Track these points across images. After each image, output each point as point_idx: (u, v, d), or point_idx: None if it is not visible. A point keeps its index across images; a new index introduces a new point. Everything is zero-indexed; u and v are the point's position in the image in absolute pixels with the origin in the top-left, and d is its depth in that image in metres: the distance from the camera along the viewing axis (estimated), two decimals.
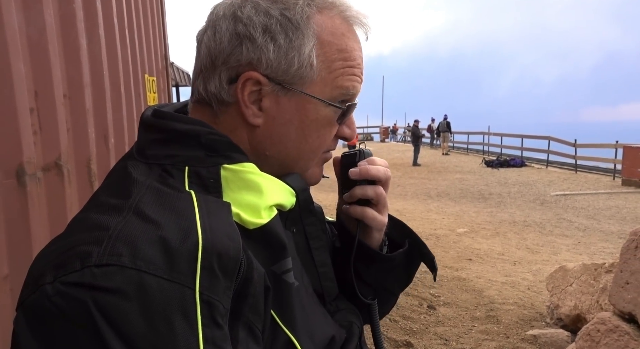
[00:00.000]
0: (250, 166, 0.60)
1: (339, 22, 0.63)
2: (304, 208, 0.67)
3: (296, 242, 0.67)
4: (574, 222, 9.03)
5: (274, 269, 0.58)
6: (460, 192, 12.80)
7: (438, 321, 3.38)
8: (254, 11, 0.60)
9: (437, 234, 7.43)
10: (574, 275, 3.31)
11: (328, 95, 0.63)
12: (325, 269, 0.70)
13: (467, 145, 24.50)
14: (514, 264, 5.83)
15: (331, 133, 0.67)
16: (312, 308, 0.64)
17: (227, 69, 0.61)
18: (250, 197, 0.58)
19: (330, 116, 0.64)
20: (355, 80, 0.65)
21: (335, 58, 0.62)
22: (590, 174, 15.35)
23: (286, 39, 0.60)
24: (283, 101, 0.62)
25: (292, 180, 0.64)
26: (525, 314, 3.65)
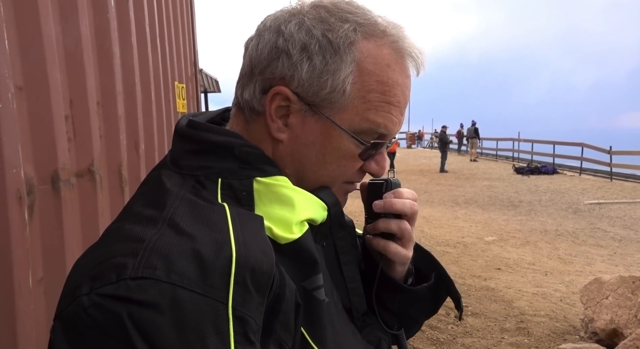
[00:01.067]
0: (283, 179, 0.60)
1: (387, 53, 0.61)
2: (334, 222, 0.66)
3: (326, 256, 0.65)
4: (609, 232, 8.70)
5: (304, 286, 0.57)
6: (489, 199, 12.53)
7: (466, 332, 3.30)
8: (297, 28, 0.60)
9: (464, 242, 7.29)
10: (610, 288, 3.18)
11: (356, 126, 0.61)
12: (354, 285, 0.69)
13: (496, 151, 24.01)
14: (545, 274, 5.65)
15: (353, 166, 0.65)
16: (342, 325, 0.62)
17: (262, 79, 0.61)
18: (282, 212, 0.57)
19: (352, 149, 0.62)
20: (388, 119, 0.62)
21: (372, 89, 0.60)
22: (626, 182, 14.78)
23: (322, 61, 0.59)
24: (309, 121, 0.61)
25: (324, 194, 0.63)
26: (557, 326, 3.53)
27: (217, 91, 11.65)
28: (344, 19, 0.60)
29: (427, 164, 20.88)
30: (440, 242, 7.18)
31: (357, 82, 0.60)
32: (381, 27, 0.61)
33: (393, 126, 0.63)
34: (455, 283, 3.30)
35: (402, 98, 0.63)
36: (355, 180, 0.68)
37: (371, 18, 0.61)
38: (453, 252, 6.59)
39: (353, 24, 0.60)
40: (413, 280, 0.80)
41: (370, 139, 0.62)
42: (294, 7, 0.63)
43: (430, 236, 7.60)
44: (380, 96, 0.60)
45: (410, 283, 0.79)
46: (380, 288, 0.73)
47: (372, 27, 0.61)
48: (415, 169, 19.62)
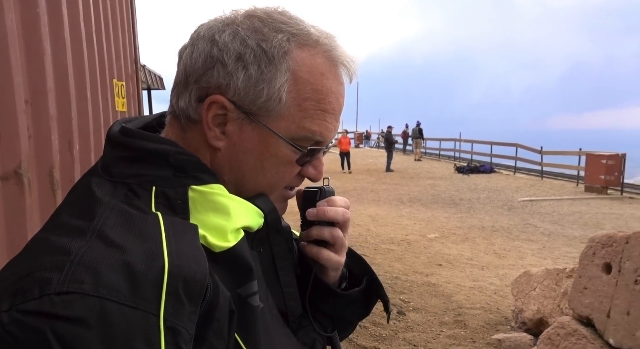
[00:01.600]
0: (219, 187, 0.60)
1: (320, 61, 0.63)
2: (271, 228, 0.67)
3: (262, 262, 0.66)
4: (539, 228, 9.30)
5: (239, 292, 0.58)
6: (432, 198, 13.00)
7: (407, 327, 3.42)
8: (231, 38, 0.60)
9: (408, 240, 7.53)
10: (537, 280, 3.42)
11: (293, 133, 0.62)
12: (290, 290, 0.70)
13: (439, 151, 24.96)
14: (482, 269, 5.96)
15: (292, 172, 0.66)
16: (276, 329, 0.64)
17: (198, 88, 0.62)
18: (218, 220, 0.57)
19: (289, 156, 0.64)
20: (323, 126, 0.64)
21: (308, 97, 0.62)
22: (555, 181, 15.87)
23: (258, 70, 0.60)
24: (247, 129, 0.62)
25: (261, 202, 0.64)
26: (491, 318, 3.74)
27: (161, 88, 11.27)
28: (277, 29, 0.61)
29: (374, 164, 21.33)
30: (385, 240, 7.37)
31: (292, 90, 0.61)
32: (314, 36, 0.63)
33: (328, 132, 0.65)
34: (399, 280, 3.47)
35: (336, 105, 0.65)
36: (294, 185, 0.70)
37: (304, 28, 0.63)
38: (397, 249, 6.79)
39: (286, 34, 0.61)
40: (347, 284, 0.82)
41: (306, 146, 0.64)
42: (228, 17, 0.64)
43: (376, 234, 7.79)
44: (316, 104, 0.62)
45: (344, 286, 0.82)
46: (314, 292, 0.75)
47: (305, 37, 0.62)
48: (363, 169, 19.99)
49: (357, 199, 12.60)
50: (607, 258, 2.19)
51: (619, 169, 12.76)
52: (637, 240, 2.03)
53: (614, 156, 12.80)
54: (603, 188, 12.96)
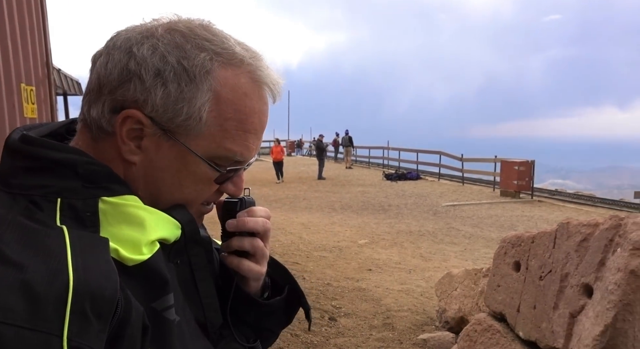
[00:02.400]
0: (133, 198, 0.58)
1: (244, 82, 0.62)
2: (189, 239, 0.65)
3: (180, 273, 0.65)
4: (461, 231, 9.86)
5: (154, 306, 0.56)
6: (363, 204, 13.33)
7: (338, 333, 3.47)
8: (150, 52, 0.58)
9: (340, 246, 7.65)
10: (458, 280, 3.61)
11: (212, 153, 0.61)
12: (209, 300, 0.69)
13: (369, 159, 25.69)
14: (409, 272, 6.20)
15: (210, 189, 0.66)
16: (194, 342, 0.62)
17: (113, 99, 0.59)
18: (131, 232, 0.55)
19: (208, 174, 0.63)
20: (244, 147, 0.63)
21: (229, 117, 0.61)
22: (475, 186, 16.93)
23: (177, 89, 0.58)
24: (164, 146, 0.60)
25: (178, 213, 0.63)
26: (417, 319, 3.89)
27: (78, 93, 10.58)
28: (200, 46, 0.60)
29: (306, 172, 21.48)
30: (317, 248, 7.44)
31: (214, 110, 0.60)
32: (239, 56, 0.62)
33: (249, 152, 0.65)
34: (331, 286, 3.50)
35: (259, 125, 0.65)
36: (211, 201, 0.69)
37: (229, 47, 0.61)
38: (329, 256, 6.88)
39: (210, 52, 0.60)
40: (269, 293, 0.82)
41: (226, 165, 0.63)
42: (147, 28, 0.61)
43: (308, 242, 7.83)
44: (238, 125, 0.61)
45: (266, 296, 0.81)
46: (236, 302, 0.74)
47: (230, 56, 0.61)
48: (295, 177, 20.06)
49: (289, 207, 12.61)
50: (516, 257, 2.37)
51: (529, 174, 13.89)
52: (542, 239, 2.22)
53: (524, 163, 13.92)
54: (516, 192, 14.03)
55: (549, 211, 11.74)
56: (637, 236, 1.64)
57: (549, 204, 13.21)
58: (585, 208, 11.84)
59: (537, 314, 2.06)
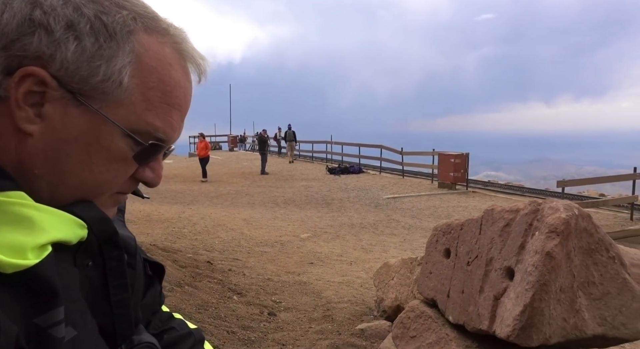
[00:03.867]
0: (19, 195, 0.49)
1: (169, 52, 0.56)
2: (104, 240, 0.57)
3: (89, 277, 0.57)
4: (400, 222, 10.14)
5: (37, 322, 0.48)
6: (306, 198, 13.36)
7: (277, 327, 3.42)
8: (60, 2, 0.50)
9: (282, 241, 7.60)
10: (395, 270, 3.69)
11: (132, 125, 0.54)
12: (122, 312, 0.61)
13: (312, 153, 25.78)
14: (350, 264, 6.28)
15: (125, 172, 0.57)
16: None
17: (7, 56, 0.49)
18: (14, 235, 0.47)
19: (125, 151, 0.55)
20: (168, 123, 0.56)
21: (153, 87, 0.54)
22: (414, 179, 17.49)
23: (95, 44, 0.50)
24: (72, 112, 0.51)
25: (82, 209, 0.54)
26: (357, 310, 3.93)
27: None
28: (120, 5, 0.53)
29: (249, 167, 21.20)
30: (259, 243, 7.35)
31: (136, 76, 0.53)
32: (163, 24, 0.56)
33: (172, 131, 0.58)
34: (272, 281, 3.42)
35: (184, 102, 0.58)
36: (126, 191, 0.60)
37: (152, 12, 0.56)
38: (271, 251, 6.81)
39: (132, 12, 0.53)
40: None
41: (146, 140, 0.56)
42: None
43: (250, 237, 7.72)
44: (162, 96, 0.55)
45: None
46: None
47: (154, 22, 0.55)
48: (238, 172, 19.73)
49: (231, 203, 12.38)
50: (446, 244, 2.44)
51: (464, 166, 14.54)
52: (469, 226, 2.30)
53: (460, 155, 14.55)
54: (452, 184, 14.64)
55: (482, 201, 12.36)
56: (552, 219, 1.73)
57: (482, 195, 13.91)
58: (515, 198, 12.57)
59: (465, 299, 2.13)
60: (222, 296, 3.93)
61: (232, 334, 3.00)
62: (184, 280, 4.00)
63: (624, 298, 1.84)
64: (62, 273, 0.50)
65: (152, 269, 0.77)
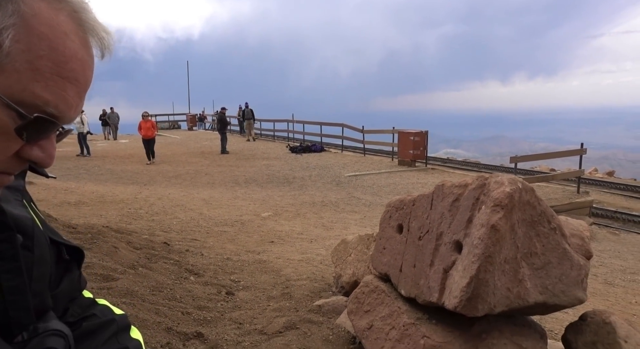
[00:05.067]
0: None
1: (65, 20, 0.51)
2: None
3: None
4: (361, 199, 10.27)
5: None
6: (267, 177, 13.27)
7: (235, 306, 3.40)
8: None
9: (242, 220, 7.54)
10: (352, 246, 3.72)
11: (15, 96, 0.48)
12: (17, 297, 0.57)
13: (274, 132, 25.55)
14: (310, 241, 6.31)
15: (8, 147, 0.51)
16: None
17: None
18: None
19: (6, 123, 0.49)
20: (61, 97, 0.51)
21: (43, 55, 0.49)
22: (375, 157, 17.69)
23: None
24: None
25: None
26: (316, 286, 3.96)
27: None
28: None
29: (208, 146, 20.78)
30: (218, 223, 7.25)
31: (21, 41, 0.47)
32: None
33: (67, 107, 0.52)
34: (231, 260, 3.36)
35: (81, 76, 0.53)
36: (11, 170, 0.54)
37: None
38: (230, 230, 6.74)
39: None
40: None
41: (31, 113, 0.50)
42: None
43: (209, 217, 7.61)
44: (54, 67, 0.49)
45: None
46: None
47: None
48: (197, 152, 19.31)
49: (190, 183, 12.14)
50: (399, 220, 2.46)
51: (423, 144, 14.81)
52: (421, 202, 2.32)
53: (419, 133, 14.79)
54: (412, 161, 14.91)
55: (441, 178, 12.64)
56: (497, 193, 1.77)
57: (441, 171, 14.25)
58: (472, 174, 12.94)
59: (417, 272, 2.17)
60: (179, 277, 3.86)
61: (187, 315, 2.96)
62: (138, 262, 3.89)
63: (563, 266, 1.93)
64: None
65: (70, 254, 0.72)
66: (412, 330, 2.07)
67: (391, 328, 2.20)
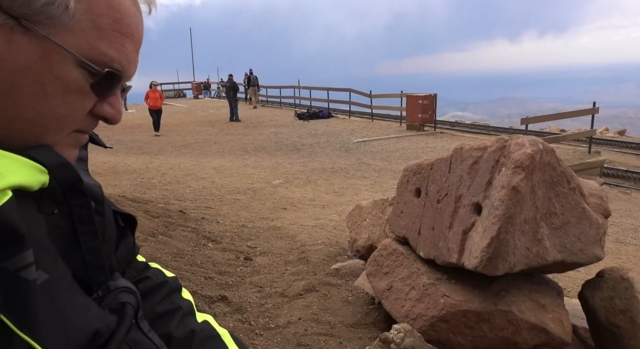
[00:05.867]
0: None
1: None
2: (66, 186, 0.55)
3: (57, 225, 0.56)
4: (371, 165, 10.29)
5: (6, 266, 0.47)
6: (276, 145, 13.28)
7: (254, 271, 3.50)
8: None
9: (254, 188, 7.62)
10: (367, 211, 3.77)
11: (86, 55, 0.51)
12: (94, 257, 0.61)
13: (280, 99, 25.32)
14: (322, 208, 6.38)
15: (83, 105, 0.54)
16: (70, 301, 0.54)
17: None
18: None
19: (81, 81, 0.52)
20: (122, 53, 0.54)
21: (102, 13, 0.51)
22: (383, 122, 17.56)
23: None
24: (19, 40, 0.48)
25: (40, 153, 0.51)
26: (331, 251, 4.05)
27: None
28: None
29: (215, 114, 20.72)
30: (231, 191, 7.34)
31: (82, 1, 0.50)
32: None
33: (129, 63, 0.55)
34: (246, 227, 3.41)
35: (136, 32, 0.55)
36: (86, 129, 0.58)
37: None
38: (243, 198, 6.83)
39: None
40: None
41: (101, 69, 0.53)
42: None
43: (221, 186, 7.69)
44: (113, 24, 0.52)
45: None
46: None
47: None
48: (204, 120, 19.28)
49: (200, 152, 12.20)
50: (417, 184, 2.49)
51: (432, 108, 14.65)
52: (439, 166, 2.34)
53: (428, 97, 14.60)
54: (421, 126, 14.80)
55: (450, 141, 12.60)
56: (518, 155, 1.78)
57: (449, 135, 14.16)
58: (481, 137, 12.87)
59: (435, 235, 2.21)
60: (197, 244, 3.96)
61: (209, 280, 3.05)
62: (157, 230, 3.98)
63: (582, 226, 1.95)
64: (27, 219, 0.49)
65: (124, 221, 0.76)
66: (432, 290, 2.13)
67: (411, 288, 2.27)
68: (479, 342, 1.98)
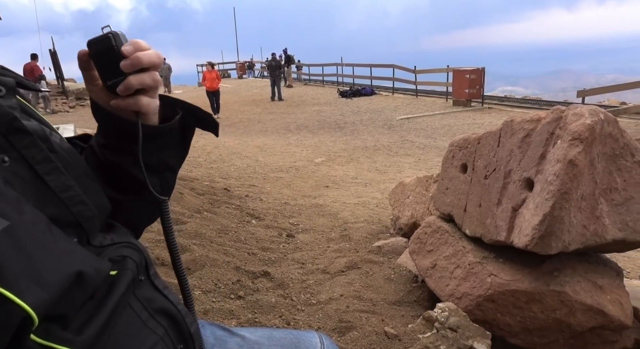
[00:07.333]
0: None
1: None
2: (8, 131, 0.55)
3: (14, 172, 0.55)
4: (415, 142, 10.05)
5: None
6: (318, 123, 13.24)
7: (296, 248, 3.52)
8: None
9: (296, 166, 7.65)
10: (410, 188, 3.68)
11: None
12: (70, 193, 0.60)
13: (323, 77, 25.13)
14: (365, 186, 6.32)
15: None
16: (43, 246, 0.52)
17: None
18: None
19: None
20: None
21: None
22: (428, 98, 17.06)
23: None
24: None
25: None
26: (373, 229, 4.00)
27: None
28: None
29: (259, 94, 20.88)
30: (274, 169, 7.40)
31: None
32: None
33: None
34: (288, 205, 3.42)
35: None
36: None
37: None
38: (286, 176, 6.87)
39: None
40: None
41: None
42: None
43: (265, 164, 7.77)
44: None
45: None
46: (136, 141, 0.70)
47: None
48: (248, 99, 19.48)
49: (244, 131, 12.36)
50: (463, 159, 2.38)
51: (480, 82, 14.06)
52: (487, 140, 2.22)
53: (475, 71, 14.00)
54: (467, 101, 14.26)
55: (498, 117, 12.08)
56: (576, 126, 1.64)
57: (498, 111, 13.58)
58: (532, 112, 12.26)
59: (482, 212, 2.11)
60: (241, 221, 4.02)
61: (252, 256, 3.10)
62: (202, 207, 4.08)
63: None
64: None
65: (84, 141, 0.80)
66: (478, 269, 2.05)
67: (456, 266, 2.19)
68: (529, 323, 1.89)
